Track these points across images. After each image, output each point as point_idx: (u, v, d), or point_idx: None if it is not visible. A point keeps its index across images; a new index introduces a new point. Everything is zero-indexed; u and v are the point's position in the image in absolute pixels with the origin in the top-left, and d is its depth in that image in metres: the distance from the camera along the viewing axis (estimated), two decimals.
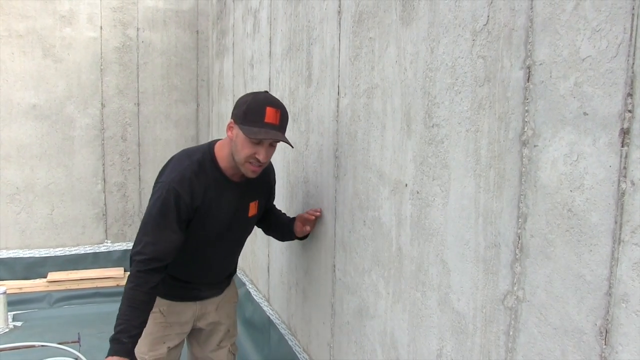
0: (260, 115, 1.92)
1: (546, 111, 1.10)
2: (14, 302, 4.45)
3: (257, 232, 2.54)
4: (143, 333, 2.16)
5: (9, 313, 4.24)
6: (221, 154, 2.06)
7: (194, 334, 2.38)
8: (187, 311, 2.25)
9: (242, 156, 1.96)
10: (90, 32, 5.04)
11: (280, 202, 2.87)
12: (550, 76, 1.09)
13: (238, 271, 3.99)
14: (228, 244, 2.21)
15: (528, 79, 1.16)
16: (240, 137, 1.95)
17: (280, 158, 2.87)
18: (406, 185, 1.64)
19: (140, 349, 2.20)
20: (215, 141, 2.14)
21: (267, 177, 2.28)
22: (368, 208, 1.90)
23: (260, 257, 3.40)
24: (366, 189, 1.91)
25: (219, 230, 2.12)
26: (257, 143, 1.94)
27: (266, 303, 3.29)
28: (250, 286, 3.65)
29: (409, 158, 1.62)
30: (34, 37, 4.87)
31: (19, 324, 4.24)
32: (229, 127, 2.02)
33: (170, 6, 5.30)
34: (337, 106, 2.13)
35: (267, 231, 2.51)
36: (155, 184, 2.06)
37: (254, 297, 3.49)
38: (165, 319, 2.21)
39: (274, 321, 3.06)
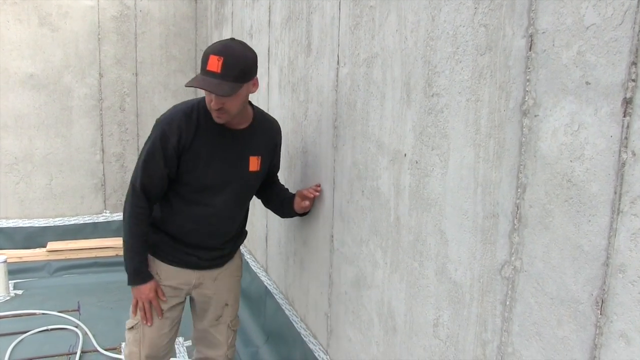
0: (204, 63, 1.91)
1: (548, 80, 1.09)
2: (15, 271, 4.47)
3: (255, 203, 2.53)
4: None
5: (9, 281, 4.27)
6: None
7: (193, 306, 2.37)
8: (184, 277, 2.22)
9: (207, 104, 1.99)
10: (87, 0, 4.96)
11: (280, 173, 2.87)
12: (553, 45, 1.07)
13: None
14: (226, 197, 2.14)
15: (530, 47, 1.14)
16: None
17: None
18: (405, 155, 1.64)
19: (132, 308, 2.21)
20: None
21: (270, 131, 2.26)
22: (367, 178, 1.90)
23: (258, 227, 3.40)
24: (365, 159, 1.90)
25: (213, 178, 2.09)
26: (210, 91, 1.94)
27: (264, 273, 3.31)
28: (248, 256, 3.66)
29: (408, 128, 1.61)
30: (29, 5, 4.79)
31: (19, 292, 4.27)
32: None
33: None
34: (337, 76, 2.11)
35: (267, 204, 2.49)
36: None
37: (252, 267, 3.51)
38: (161, 282, 2.19)
39: (272, 291, 3.08)
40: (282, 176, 2.78)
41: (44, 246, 4.91)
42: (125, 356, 2.27)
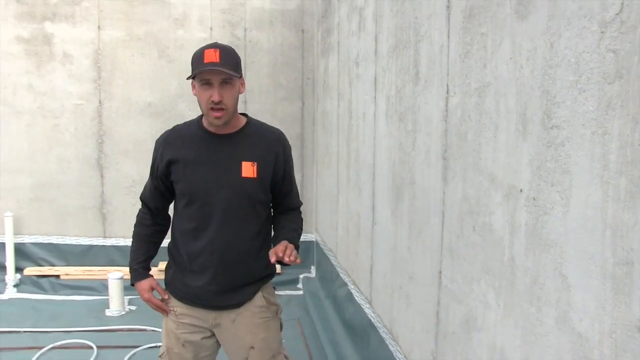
0: (201, 59, 1.98)
1: None
2: (130, 287, 4.74)
3: (360, 232, 2.49)
4: (163, 324, 2.27)
5: (125, 297, 4.53)
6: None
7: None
8: (199, 315, 2.18)
9: (203, 104, 2.02)
10: (200, 33, 5.23)
11: (385, 204, 2.82)
12: None
13: (340, 270, 3.97)
14: (219, 205, 2.07)
15: None
16: (196, 87, 2.03)
17: (386, 158, 2.81)
18: (521, 190, 1.52)
19: (162, 338, 2.29)
20: None
21: (267, 138, 2.19)
22: (478, 213, 1.79)
23: (363, 258, 3.35)
24: (477, 193, 1.80)
25: (205, 182, 2.07)
26: (208, 86, 1.98)
27: (368, 305, 3.24)
28: (352, 287, 3.61)
29: (524, 162, 1.51)
30: (151, 40, 5.14)
31: (133, 308, 4.54)
32: (192, 86, 2.08)
33: (276, 6, 5.37)
34: (446, 105, 2.03)
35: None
36: None
37: (356, 297, 3.45)
38: (177, 318, 2.21)
39: (375, 324, 3.00)
40: (388, 207, 2.72)
41: (156, 265, 5.16)
42: None
